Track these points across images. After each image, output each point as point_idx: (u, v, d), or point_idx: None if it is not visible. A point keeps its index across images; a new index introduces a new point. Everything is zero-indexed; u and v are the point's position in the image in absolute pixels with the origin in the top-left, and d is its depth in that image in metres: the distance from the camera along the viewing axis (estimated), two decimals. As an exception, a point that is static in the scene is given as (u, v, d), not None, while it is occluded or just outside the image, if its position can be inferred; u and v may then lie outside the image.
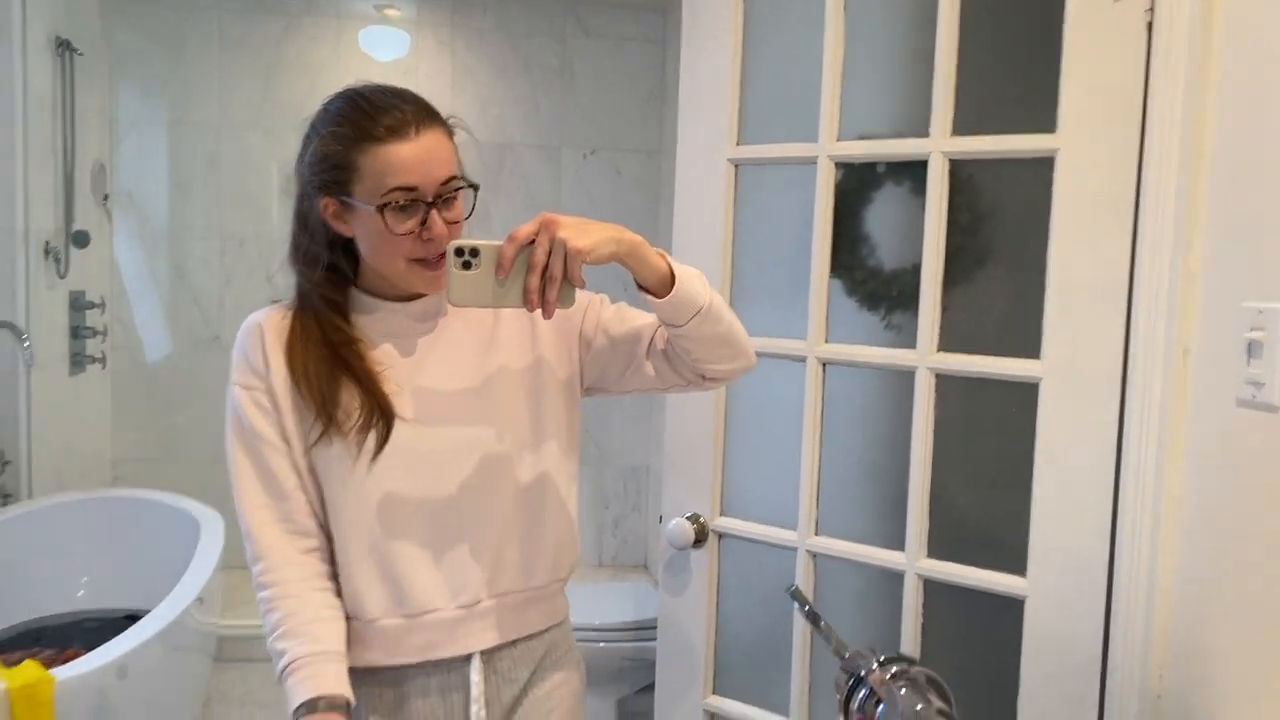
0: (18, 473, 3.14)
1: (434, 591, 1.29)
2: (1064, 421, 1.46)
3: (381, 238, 1.23)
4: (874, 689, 0.78)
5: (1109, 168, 1.41)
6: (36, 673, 1.85)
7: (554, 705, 1.39)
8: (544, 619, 1.39)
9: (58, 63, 3.43)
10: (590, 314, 1.37)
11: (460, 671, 1.32)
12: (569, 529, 1.39)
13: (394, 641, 1.29)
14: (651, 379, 1.34)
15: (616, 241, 1.15)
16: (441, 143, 1.24)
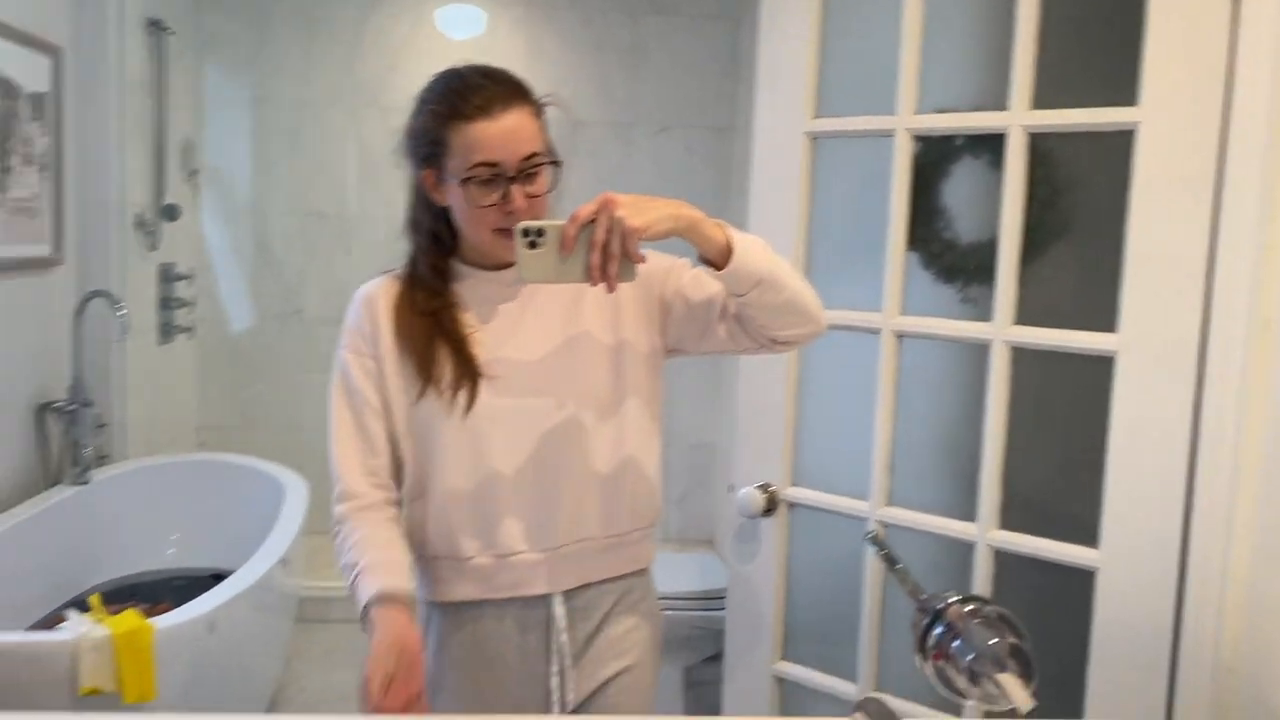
0: (113, 436, 3.28)
1: (520, 536, 1.38)
2: (1140, 394, 1.47)
3: (467, 209, 1.33)
4: (950, 624, 0.81)
5: (1191, 140, 1.40)
6: (137, 621, 1.95)
7: (628, 647, 1.47)
8: (624, 565, 1.46)
9: (151, 42, 3.55)
10: (671, 280, 1.43)
11: (542, 608, 1.41)
12: (648, 482, 1.46)
13: (484, 579, 1.39)
14: (725, 341, 1.38)
15: (673, 218, 1.20)
16: (526, 122, 1.32)
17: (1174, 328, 1.43)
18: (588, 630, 1.44)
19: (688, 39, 4.24)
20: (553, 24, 4.23)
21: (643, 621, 1.49)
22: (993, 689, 0.77)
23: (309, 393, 4.26)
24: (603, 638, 1.45)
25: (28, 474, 2.88)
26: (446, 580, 1.41)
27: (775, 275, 1.27)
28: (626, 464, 1.43)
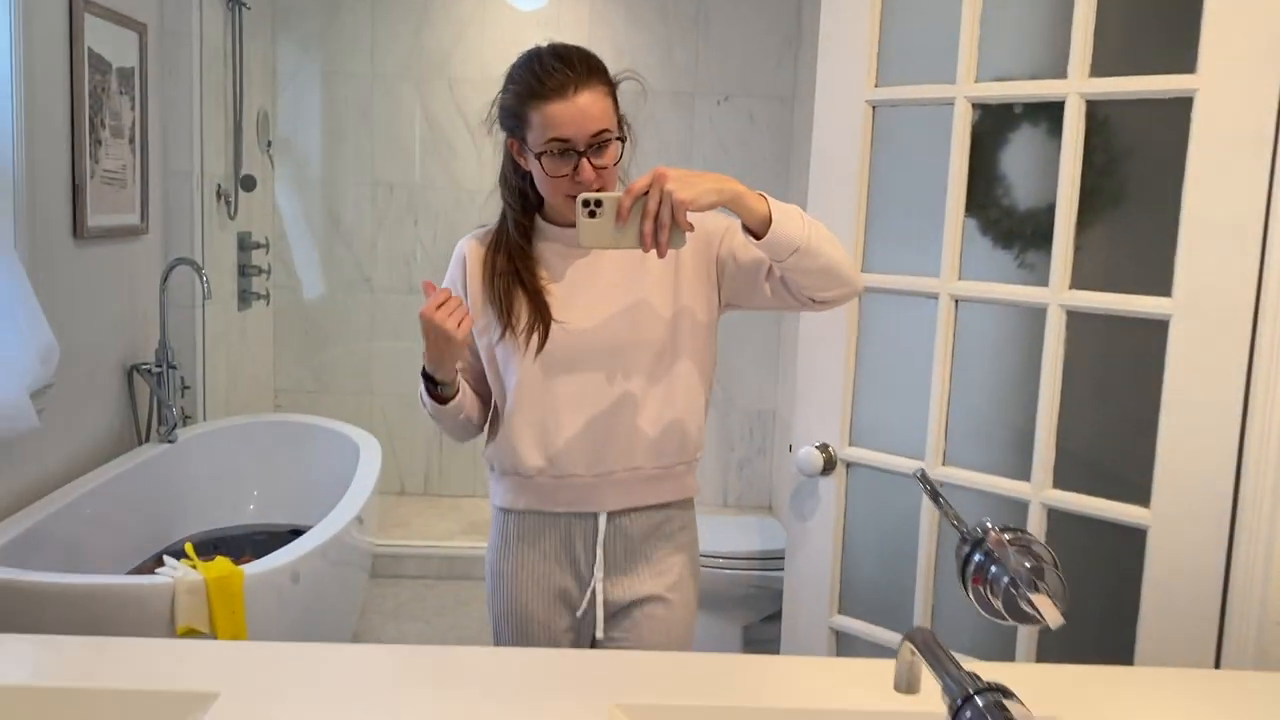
0: (195, 397, 3.44)
1: (576, 459, 1.58)
2: (1194, 357, 1.50)
3: (543, 177, 1.49)
4: (989, 551, 0.87)
5: (1248, 107, 1.43)
6: (228, 567, 2.08)
7: (664, 570, 1.64)
8: (668, 494, 1.64)
9: (228, 16, 3.67)
10: (726, 240, 1.57)
11: (591, 522, 1.61)
12: (695, 423, 1.63)
13: (545, 494, 1.61)
14: (771, 300, 1.53)
15: (718, 192, 1.32)
16: (597, 101, 1.46)
17: (1229, 292, 1.46)
18: (629, 546, 1.62)
19: (750, 9, 4.26)
20: (616, -6, 4.28)
21: (680, 551, 1.66)
22: (1027, 608, 0.84)
23: (379, 358, 4.41)
24: (642, 557, 1.63)
25: (120, 431, 3.05)
26: (514, 492, 1.63)
27: (811, 243, 1.38)
28: (675, 404, 1.59)
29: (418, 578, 3.78)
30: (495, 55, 4.27)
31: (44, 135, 2.53)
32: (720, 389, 4.38)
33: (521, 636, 1.65)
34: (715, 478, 4.48)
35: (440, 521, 4.11)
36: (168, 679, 1.16)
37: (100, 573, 2.38)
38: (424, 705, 1.12)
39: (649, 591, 1.63)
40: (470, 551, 3.78)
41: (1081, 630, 1.69)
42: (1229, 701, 1.21)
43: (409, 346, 4.37)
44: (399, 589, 3.69)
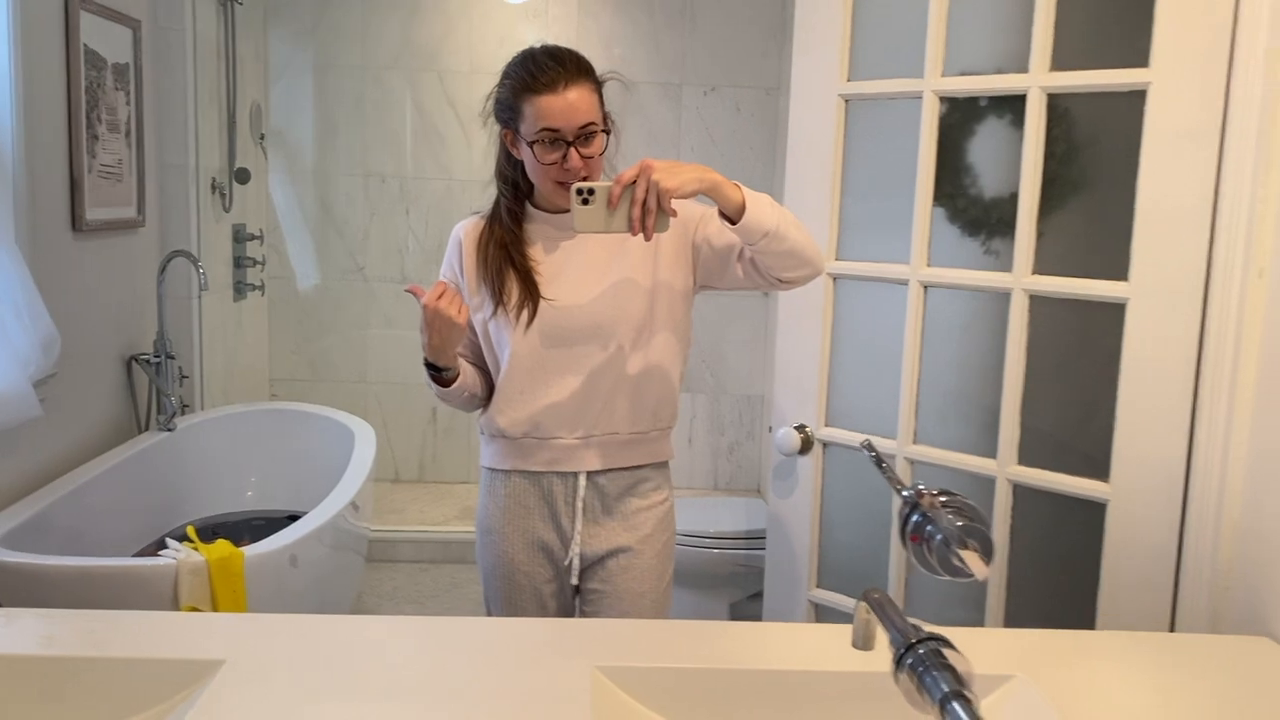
0: (192, 387, 3.50)
1: (560, 423, 1.73)
2: (1148, 339, 1.58)
3: (534, 164, 1.64)
4: (924, 512, 0.95)
5: (1198, 100, 1.50)
6: (229, 549, 2.15)
7: (638, 523, 1.78)
8: (643, 457, 1.79)
9: (221, 12, 3.72)
10: (702, 226, 1.72)
11: (572, 482, 1.76)
12: (670, 391, 1.78)
13: (529, 454, 1.76)
14: (742, 280, 1.67)
15: (699, 180, 1.46)
16: (585, 96, 1.61)
17: (1180, 276, 1.54)
18: (605, 503, 1.77)
19: (736, 1, 4.32)
20: (604, -14, 4.33)
21: (653, 507, 1.80)
22: (957, 563, 0.91)
23: (373, 347, 4.47)
24: (617, 513, 1.77)
25: (120, 420, 3.11)
26: (501, 454, 1.78)
27: (780, 228, 1.53)
28: (653, 376, 1.74)
29: (413, 562, 3.86)
30: (485, 48, 4.34)
31: (42, 131, 2.59)
32: (710, 374, 4.45)
33: (508, 587, 1.79)
34: (706, 461, 4.55)
35: (434, 507, 4.19)
36: (175, 648, 1.23)
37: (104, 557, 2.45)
38: (417, 669, 1.20)
39: (621, 543, 1.77)
40: (463, 536, 3.86)
41: (1047, 599, 1.77)
42: (1176, 660, 1.29)
43: (402, 335, 4.45)
44: (395, 573, 3.77)
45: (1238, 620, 1.47)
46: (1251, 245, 1.43)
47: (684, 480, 4.42)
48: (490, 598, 1.83)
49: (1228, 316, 1.47)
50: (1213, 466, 1.50)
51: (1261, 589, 1.42)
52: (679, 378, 1.79)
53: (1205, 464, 1.51)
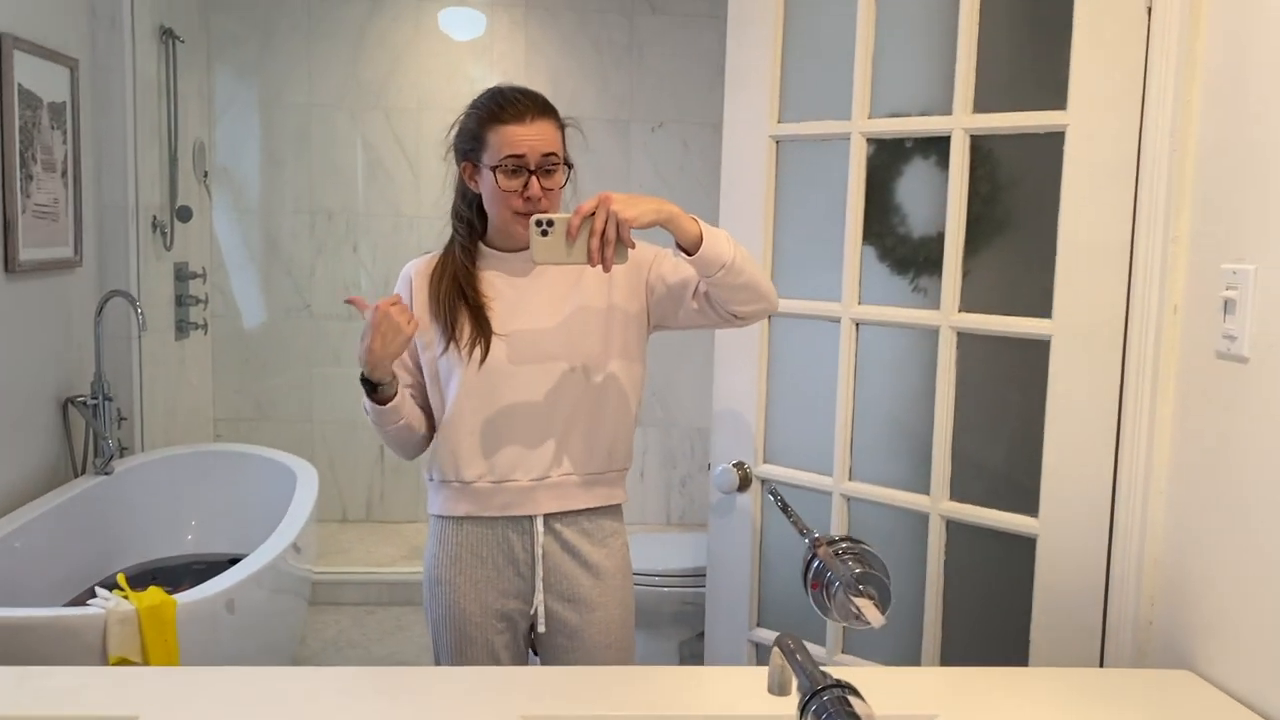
0: (132, 429, 3.44)
1: (514, 465, 1.69)
2: (1072, 375, 1.60)
3: (494, 193, 1.64)
4: (823, 561, 0.95)
5: (1113, 142, 1.53)
6: (160, 596, 2.10)
7: (600, 573, 1.73)
8: (598, 499, 1.74)
9: (162, 50, 3.70)
10: (655, 266, 1.71)
11: (528, 527, 1.70)
12: (626, 432, 1.75)
13: (482, 499, 1.70)
14: (696, 315, 1.67)
15: (657, 212, 1.47)
16: (549, 130, 1.64)
17: (1100, 313, 1.57)
18: (566, 546, 1.72)
19: (683, 37, 4.37)
20: (551, 25, 4.36)
21: (614, 555, 1.76)
22: (854, 611, 0.92)
23: (319, 385, 4.43)
24: (578, 560, 1.72)
25: (55, 464, 3.05)
26: (452, 499, 1.72)
27: (736, 262, 1.53)
28: (607, 416, 1.71)
29: (359, 604, 3.80)
30: (431, 85, 4.34)
31: (-27, 172, 2.55)
32: (660, 407, 4.46)
33: (459, 640, 1.73)
34: (658, 495, 4.55)
35: (382, 547, 4.14)
36: (88, 705, 1.20)
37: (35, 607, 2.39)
38: (336, 722, 1.17)
39: (583, 595, 1.72)
40: (411, 577, 3.81)
41: (982, 636, 1.78)
42: (1101, 697, 1.30)
43: (349, 372, 4.36)
44: (340, 616, 3.71)
45: (1162, 655, 1.49)
46: (1166, 282, 1.46)
47: (636, 516, 4.40)
48: (439, 649, 1.77)
49: (1145, 354, 1.49)
50: (1134, 502, 1.52)
51: (1183, 623, 1.43)
52: (634, 418, 1.77)
53: (1128, 499, 1.53)
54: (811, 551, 0.98)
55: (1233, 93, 1.34)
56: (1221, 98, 1.37)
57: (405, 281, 1.75)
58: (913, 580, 1.81)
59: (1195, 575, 1.41)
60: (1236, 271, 1.30)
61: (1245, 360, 1.29)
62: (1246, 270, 1.29)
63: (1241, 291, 1.29)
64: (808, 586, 0.98)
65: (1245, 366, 1.29)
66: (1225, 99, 1.36)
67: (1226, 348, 1.32)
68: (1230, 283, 1.31)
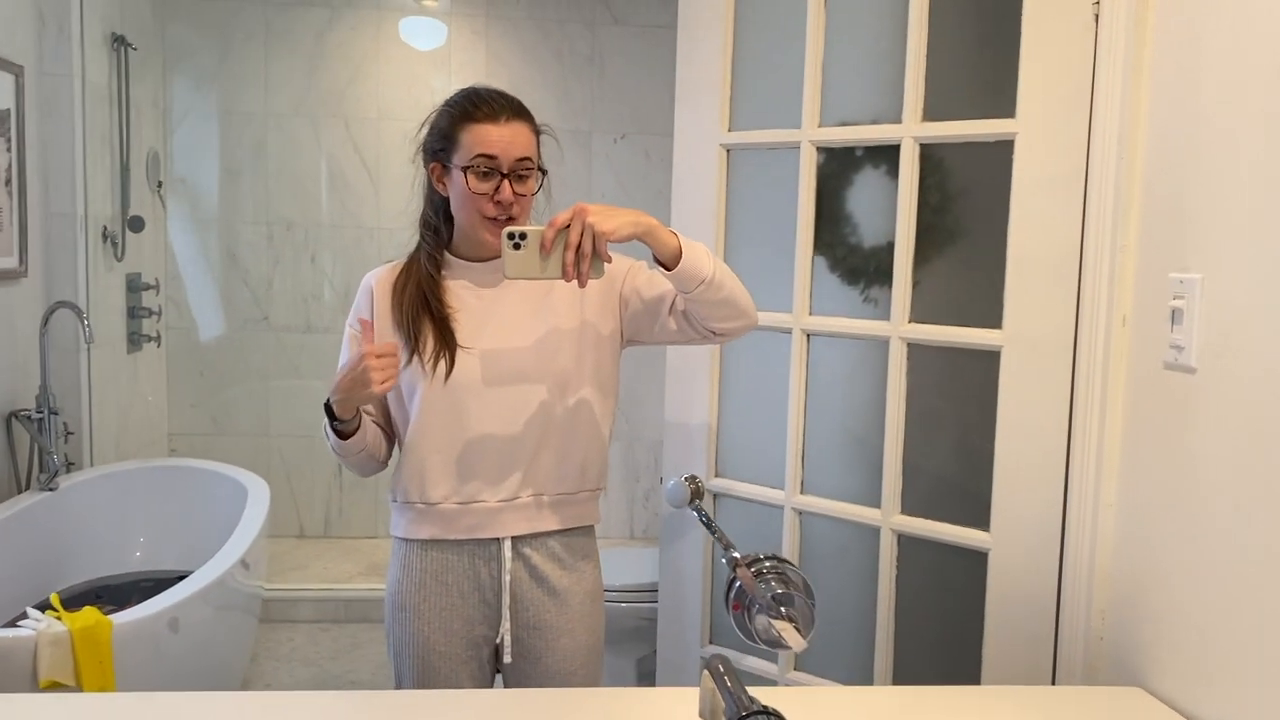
0: (80, 443, 3.36)
1: (481, 485, 1.61)
2: (1022, 386, 1.58)
3: (464, 195, 1.56)
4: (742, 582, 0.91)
5: (1061, 150, 1.52)
6: (95, 617, 2.04)
7: (568, 598, 1.66)
8: (569, 520, 1.67)
9: (113, 57, 3.64)
10: (629, 279, 1.65)
11: (495, 550, 1.63)
12: (599, 450, 1.68)
13: (449, 521, 1.62)
14: (674, 333, 1.60)
15: (635, 224, 1.40)
16: (523, 133, 1.57)
17: (1050, 324, 1.54)
18: (534, 572, 1.64)
19: (643, 48, 4.35)
20: (512, 34, 4.33)
21: (584, 579, 1.69)
22: (774, 634, 0.88)
23: (276, 399, 4.36)
24: (546, 586, 1.65)
25: (-4, 480, 2.97)
26: (416, 521, 1.64)
27: (716, 277, 1.48)
28: (579, 434, 1.64)
29: (313, 621, 3.73)
30: (391, 94, 4.30)
31: (-92, 180, 2.48)
32: (625, 421, 4.42)
33: (422, 668, 1.64)
34: (621, 509, 4.50)
35: (340, 563, 4.06)
36: (-6, 734, 1.15)
37: (-32, 627, 2.31)
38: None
39: (551, 621, 1.64)
40: (368, 593, 3.75)
41: (935, 652, 1.75)
42: (1050, 715, 1.27)
43: (307, 385, 4.34)
44: (294, 633, 3.64)
45: (1113, 671, 1.46)
46: (1115, 293, 1.44)
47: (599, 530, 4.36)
48: (401, 675, 1.67)
49: (1094, 365, 1.47)
50: (1085, 515, 1.49)
51: (1134, 639, 1.41)
52: (608, 434, 1.69)
53: (1078, 512, 1.51)
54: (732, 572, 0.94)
55: (1179, 99, 1.32)
56: (1168, 104, 1.35)
57: (366, 292, 1.67)
58: (865, 595, 1.78)
59: (1145, 589, 1.38)
60: (1183, 281, 1.28)
61: (1193, 370, 1.27)
62: (1193, 279, 1.27)
63: (1189, 301, 1.27)
64: (729, 608, 0.94)
65: (1193, 377, 1.27)
66: (1172, 105, 1.34)
67: (1174, 358, 1.30)
68: (1177, 292, 1.29)
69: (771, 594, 0.89)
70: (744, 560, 0.94)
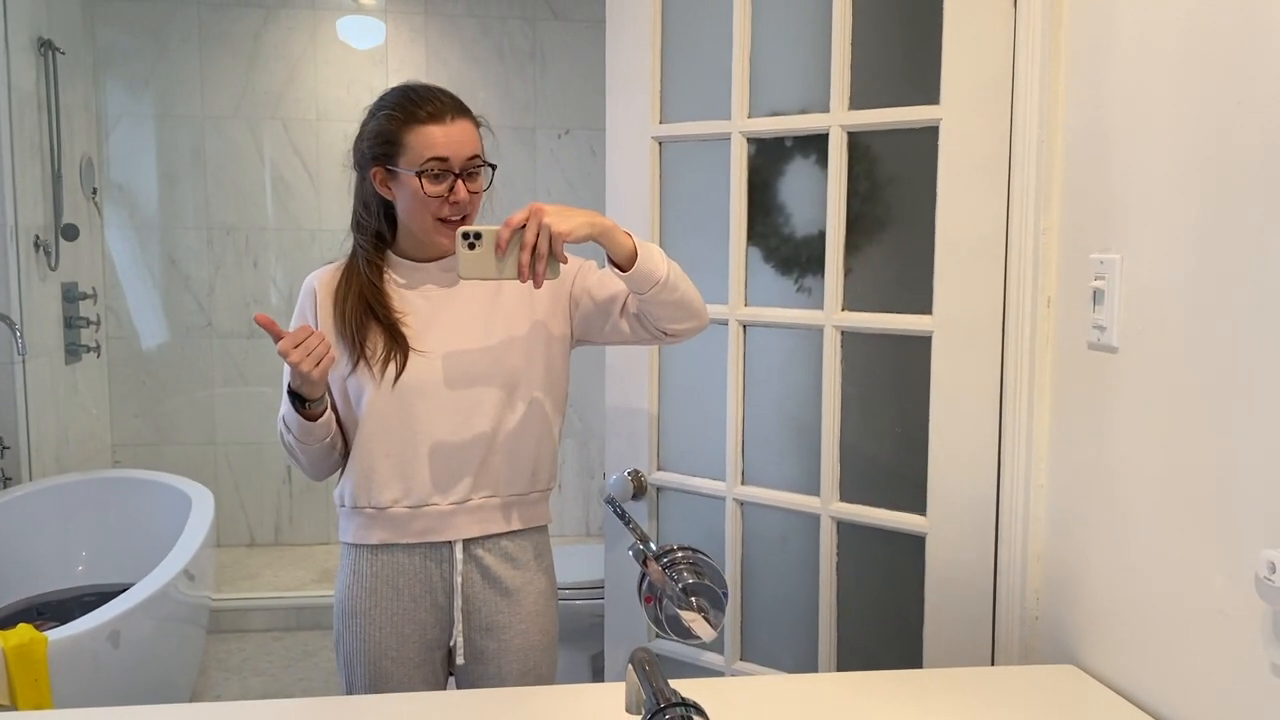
0: (18, 457, 3.29)
1: (432, 488, 1.59)
2: (953, 371, 1.59)
3: (416, 199, 1.54)
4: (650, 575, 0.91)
5: (985, 135, 1.53)
6: (30, 634, 1.99)
7: (522, 598, 1.65)
8: (521, 521, 1.66)
9: (40, 62, 3.56)
10: (579, 279, 1.64)
11: (447, 553, 1.62)
12: (549, 451, 1.68)
13: (399, 526, 1.61)
14: (626, 334, 1.60)
15: (591, 225, 1.40)
16: (469, 130, 1.56)
17: (979, 308, 1.55)
18: (485, 575, 1.63)
19: (584, 44, 4.34)
20: (452, 32, 4.30)
21: (535, 579, 1.68)
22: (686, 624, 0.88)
23: (221, 406, 4.29)
24: (499, 586, 1.64)
25: (-72, 498, 2.89)
26: (366, 526, 1.62)
27: (670, 278, 1.48)
28: (530, 435, 1.63)
29: (264, 631, 3.68)
30: (330, 94, 4.25)
31: None
32: (578, 418, 4.41)
33: (374, 675, 1.62)
34: (576, 506, 4.49)
35: (291, 571, 4.02)
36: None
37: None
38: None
39: (504, 622, 1.64)
40: (319, 601, 3.70)
41: (877, 637, 1.76)
42: (989, 696, 1.28)
43: (253, 391, 4.28)
44: (244, 643, 3.59)
45: (1048, 650, 1.48)
46: (1039, 275, 1.45)
47: (553, 528, 4.34)
48: (351, 684, 1.65)
49: (1022, 347, 1.48)
50: (1017, 497, 1.51)
51: (1066, 617, 1.42)
52: (558, 434, 1.69)
53: (1010, 494, 1.52)
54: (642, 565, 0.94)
55: (1096, 80, 1.33)
56: (1086, 85, 1.36)
57: (309, 294, 1.64)
58: (808, 583, 1.79)
59: (1076, 568, 1.40)
60: (1103, 261, 1.30)
61: (1115, 350, 1.28)
62: (1113, 260, 1.28)
63: (1109, 281, 1.28)
64: (642, 600, 0.94)
65: (1115, 356, 1.29)
66: (1090, 86, 1.35)
67: (1097, 338, 1.32)
68: (1098, 272, 1.30)
69: (682, 585, 0.89)
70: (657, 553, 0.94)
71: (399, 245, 1.63)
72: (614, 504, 1.08)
